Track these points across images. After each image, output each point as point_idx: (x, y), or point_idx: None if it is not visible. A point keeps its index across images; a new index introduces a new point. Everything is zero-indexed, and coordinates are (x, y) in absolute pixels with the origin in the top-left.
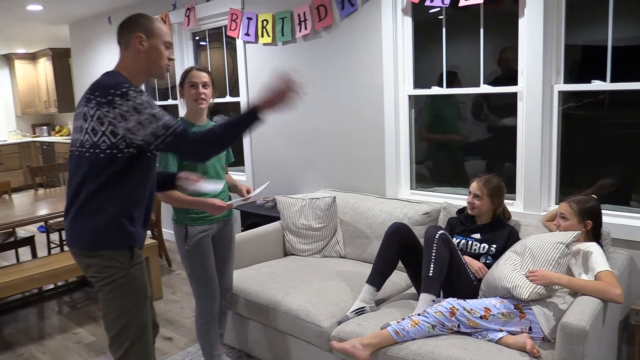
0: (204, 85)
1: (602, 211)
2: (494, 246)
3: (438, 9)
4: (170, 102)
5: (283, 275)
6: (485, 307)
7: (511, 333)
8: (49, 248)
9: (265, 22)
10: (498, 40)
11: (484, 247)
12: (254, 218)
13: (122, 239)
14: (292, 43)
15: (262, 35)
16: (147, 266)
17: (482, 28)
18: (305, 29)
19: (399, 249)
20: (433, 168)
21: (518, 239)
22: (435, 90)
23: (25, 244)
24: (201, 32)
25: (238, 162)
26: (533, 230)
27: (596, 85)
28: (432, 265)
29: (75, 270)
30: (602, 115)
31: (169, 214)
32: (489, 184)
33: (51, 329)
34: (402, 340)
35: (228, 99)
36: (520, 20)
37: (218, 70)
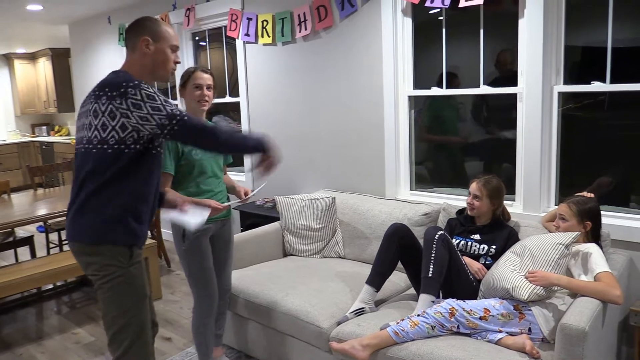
0: (208, 88)
1: (602, 212)
2: (494, 247)
3: (438, 10)
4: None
5: (282, 276)
6: (484, 308)
7: (511, 334)
8: (48, 248)
9: (265, 23)
10: (498, 41)
11: (484, 247)
12: (254, 218)
13: (124, 235)
14: (292, 43)
15: (262, 36)
16: (146, 266)
17: (482, 29)
18: (305, 29)
19: (399, 249)
20: (433, 169)
21: (517, 240)
22: (435, 91)
23: (24, 244)
24: (201, 33)
25: (237, 163)
26: (532, 231)
27: (596, 86)
28: (431, 266)
29: (75, 270)
30: (601, 117)
31: None
32: (489, 184)
33: (50, 329)
34: (401, 340)
35: (228, 99)
36: (520, 21)
37: (218, 71)
